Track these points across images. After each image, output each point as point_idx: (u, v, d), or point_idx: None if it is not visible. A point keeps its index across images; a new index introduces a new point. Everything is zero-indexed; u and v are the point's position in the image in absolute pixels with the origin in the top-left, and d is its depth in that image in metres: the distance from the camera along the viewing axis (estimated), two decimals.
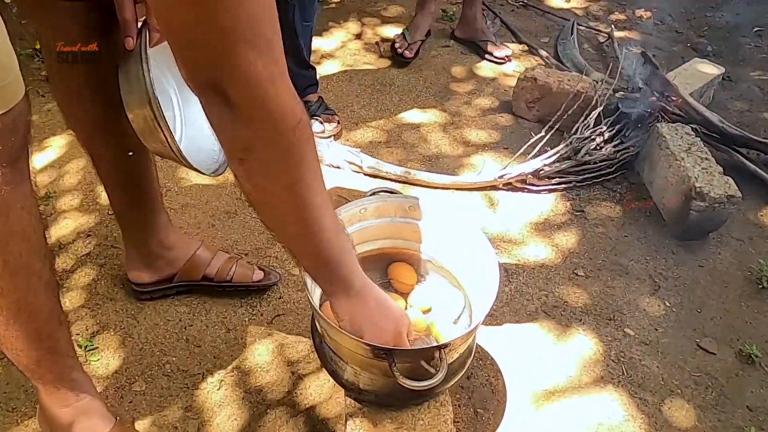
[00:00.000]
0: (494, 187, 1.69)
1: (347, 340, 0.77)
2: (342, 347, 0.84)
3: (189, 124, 1.10)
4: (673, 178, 1.57)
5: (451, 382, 0.90)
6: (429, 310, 1.03)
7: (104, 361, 1.20)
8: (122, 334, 1.24)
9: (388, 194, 1.00)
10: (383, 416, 0.89)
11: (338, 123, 1.82)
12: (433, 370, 0.75)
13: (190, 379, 1.18)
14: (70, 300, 1.30)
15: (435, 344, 0.89)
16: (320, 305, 0.89)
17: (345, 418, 0.95)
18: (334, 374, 0.90)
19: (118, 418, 1.01)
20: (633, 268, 1.48)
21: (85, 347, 1.21)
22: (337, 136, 1.83)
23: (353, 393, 0.89)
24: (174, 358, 1.21)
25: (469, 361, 0.97)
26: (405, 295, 1.02)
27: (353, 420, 0.90)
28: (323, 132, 1.78)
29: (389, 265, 1.06)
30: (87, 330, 1.25)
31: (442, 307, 1.02)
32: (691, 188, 1.49)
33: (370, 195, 0.99)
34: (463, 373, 0.94)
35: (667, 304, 1.40)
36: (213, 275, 1.28)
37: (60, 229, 1.47)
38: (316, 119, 1.80)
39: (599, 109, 1.74)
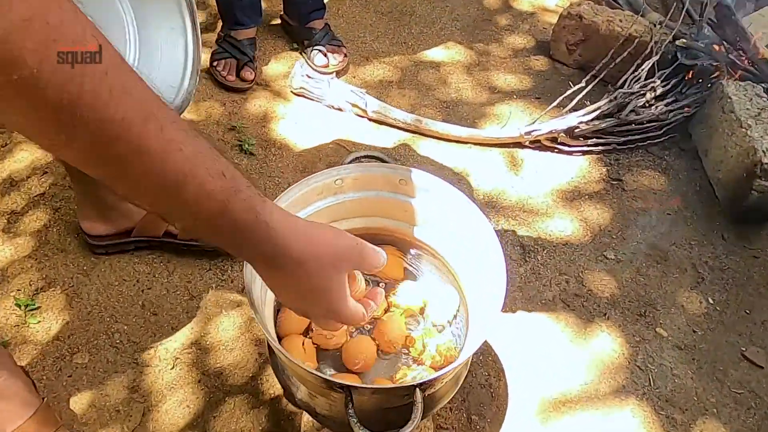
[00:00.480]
0: (519, 145, 1.45)
1: (295, 366, 0.58)
2: (290, 366, 0.65)
3: (145, 50, 0.88)
4: (734, 149, 1.31)
5: (436, 409, 0.71)
6: (418, 312, 0.83)
7: (45, 324, 1.04)
8: (70, 293, 1.08)
9: (374, 162, 0.78)
10: None
11: (345, 56, 1.57)
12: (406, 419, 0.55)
13: (141, 353, 1.01)
14: (16, 248, 1.14)
15: (410, 382, 0.68)
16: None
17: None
18: (286, 390, 0.71)
19: (44, 399, 0.86)
20: (674, 254, 1.25)
21: (26, 306, 1.05)
22: (342, 72, 1.58)
23: (310, 414, 0.70)
24: (125, 327, 1.05)
25: (464, 375, 0.78)
26: (389, 291, 0.81)
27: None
28: (326, 66, 1.54)
29: None
30: (30, 285, 1.08)
31: (434, 306, 0.82)
32: (756, 163, 1.24)
33: (349, 162, 0.77)
34: (454, 392, 0.74)
35: (711, 301, 1.18)
36: (176, 231, 1.10)
37: (14, 163, 1.28)
38: (320, 50, 1.55)
39: (654, 58, 1.46)
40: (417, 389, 0.56)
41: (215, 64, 1.51)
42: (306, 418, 0.94)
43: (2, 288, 1.08)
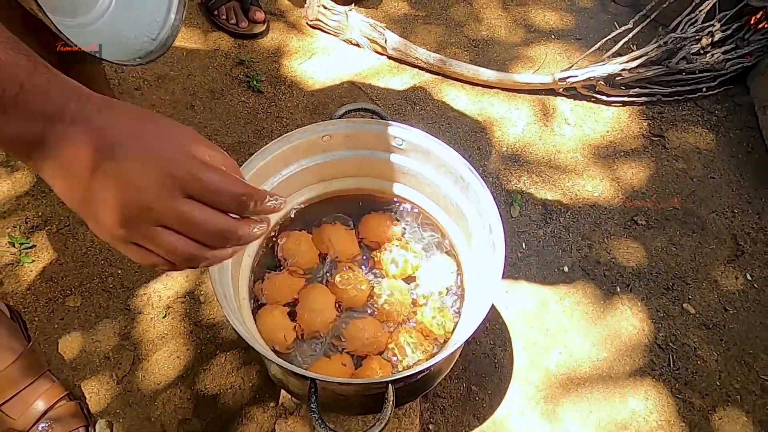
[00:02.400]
0: (552, 92, 1.32)
1: (260, 351, 0.52)
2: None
3: None
4: None
5: (424, 392, 0.65)
6: (409, 276, 0.75)
7: (39, 264, 1.01)
8: (65, 233, 1.05)
9: (368, 119, 0.68)
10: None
11: None
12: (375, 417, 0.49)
13: (134, 300, 0.98)
14: (13, 183, 1.10)
15: (382, 376, 0.60)
16: None
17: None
18: (262, 364, 0.66)
19: (30, 343, 0.84)
20: (712, 222, 1.14)
21: (20, 244, 1.02)
22: (361, 1, 1.45)
23: (284, 389, 0.66)
24: (119, 271, 1.01)
25: (458, 354, 0.71)
26: (378, 261, 0.74)
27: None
28: None
29: (362, 217, 0.77)
30: (26, 223, 1.05)
31: (427, 274, 0.74)
32: None
33: (341, 116, 0.68)
34: (446, 372, 0.68)
35: (748, 278, 1.07)
36: None
37: None
38: None
39: None
40: (390, 385, 0.49)
41: (216, 12, 1.34)
42: None
43: None
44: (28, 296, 0.98)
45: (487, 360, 0.96)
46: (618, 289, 1.04)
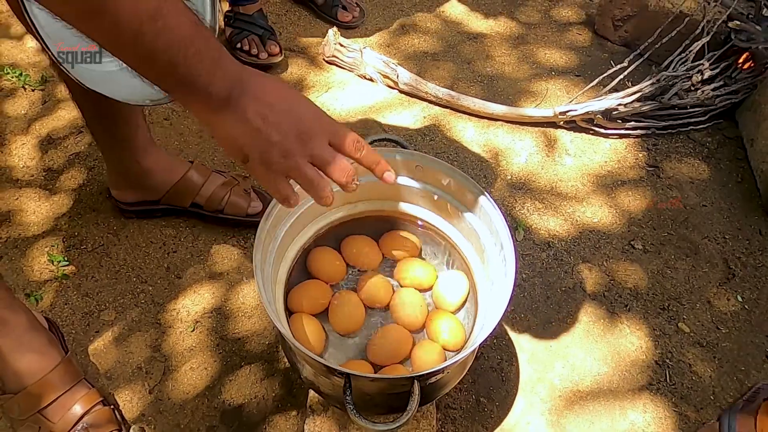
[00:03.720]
0: (553, 124, 1.41)
1: (297, 350, 0.59)
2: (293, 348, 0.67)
3: None
4: None
5: (440, 395, 0.72)
6: (425, 289, 0.83)
7: (76, 280, 1.09)
8: (100, 252, 1.12)
9: (391, 147, 0.77)
10: None
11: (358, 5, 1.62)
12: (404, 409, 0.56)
13: (164, 314, 1.05)
14: (51, 205, 1.18)
15: (409, 372, 0.68)
16: None
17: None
18: (293, 366, 0.73)
19: (68, 353, 0.90)
20: (705, 247, 1.21)
21: (58, 262, 1.10)
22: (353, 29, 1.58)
23: (314, 391, 0.72)
24: (150, 287, 1.08)
25: (470, 362, 0.78)
26: (397, 273, 0.82)
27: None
28: (353, 19, 1.55)
29: (384, 234, 0.85)
30: (63, 242, 1.13)
31: (442, 288, 0.81)
32: None
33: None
34: (459, 378, 0.75)
35: (740, 299, 1.14)
36: (203, 203, 1.12)
37: (53, 121, 1.32)
38: (340, 4, 1.59)
39: (705, 39, 1.38)
40: (415, 381, 0.56)
41: (239, 46, 1.45)
42: None
43: (37, 244, 1.13)
44: (66, 310, 1.05)
45: (494, 374, 1.02)
46: (617, 309, 1.11)
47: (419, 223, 0.85)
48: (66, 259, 1.10)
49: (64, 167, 1.25)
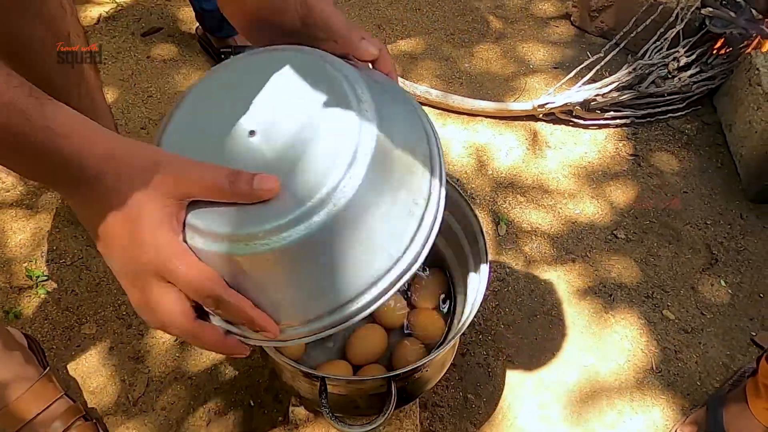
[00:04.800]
0: (533, 118, 1.41)
1: (271, 353, 0.59)
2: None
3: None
4: (759, 125, 1.25)
5: (421, 393, 0.72)
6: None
7: (55, 295, 1.07)
8: (79, 266, 1.11)
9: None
10: None
11: None
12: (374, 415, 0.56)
13: (147, 325, 1.04)
14: (29, 219, 1.17)
15: (385, 372, 0.67)
16: None
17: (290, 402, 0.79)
18: (272, 372, 0.72)
19: (47, 369, 0.89)
20: (687, 233, 1.22)
21: (37, 277, 1.08)
22: None
23: (294, 395, 0.72)
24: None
25: (451, 359, 0.78)
26: None
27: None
28: None
29: None
30: (42, 257, 1.12)
31: (422, 284, 0.81)
32: None
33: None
34: (440, 377, 0.75)
35: (723, 284, 1.15)
36: None
37: None
38: None
39: (679, 26, 1.38)
40: (391, 381, 0.56)
41: None
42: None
43: (15, 259, 1.11)
44: (46, 325, 1.03)
45: (481, 370, 1.02)
46: (601, 299, 1.11)
47: None
48: (45, 273, 1.09)
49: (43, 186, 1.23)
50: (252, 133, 0.44)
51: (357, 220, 0.41)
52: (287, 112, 0.44)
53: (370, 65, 0.53)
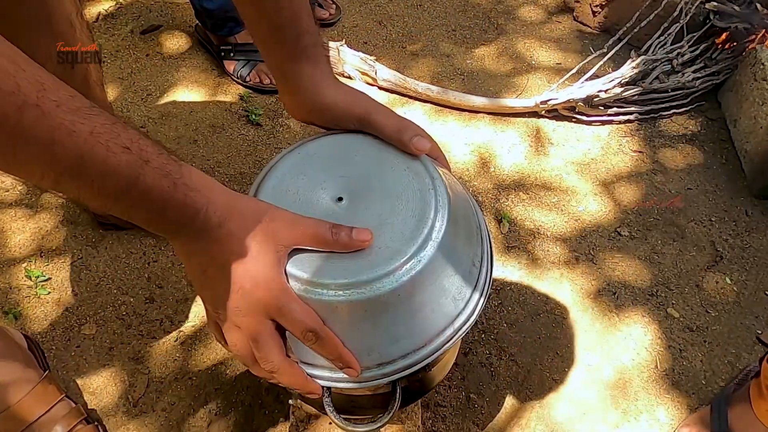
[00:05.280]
0: (535, 114, 1.40)
1: None
2: None
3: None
4: (764, 120, 1.24)
5: (426, 393, 0.71)
6: None
7: (55, 295, 1.07)
8: (78, 265, 1.10)
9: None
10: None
11: (332, 11, 1.59)
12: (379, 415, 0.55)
13: (147, 325, 1.04)
14: (28, 220, 1.16)
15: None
16: None
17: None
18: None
19: (47, 372, 0.89)
20: (692, 230, 1.20)
21: (36, 277, 1.08)
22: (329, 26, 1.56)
23: (295, 396, 0.71)
24: (132, 299, 1.07)
25: (453, 360, 0.77)
26: None
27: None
28: (330, 16, 1.54)
29: None
30: (41, 257, 1.11)
31: None
32: None
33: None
34: (444, 375, 0.74)
35: (728, 281, 1.14)
36: None
37: None
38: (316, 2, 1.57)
39: (683, 21, 1.37)
40: (396, 381, 0.55)
41: (248, 80, 1.38)
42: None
43: (15, 259, 1.11)
44: (46, 326, 1.03)
45: (483, 369, 1.01)
46: (605, 298, 1.10)
47: None
48: (44, 273, 1.09)
49: None
50: (340, 199, 0.53)
51: (434, 276, 0.50)
52: (370, 183, 0.54)
53: None
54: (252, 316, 0.46)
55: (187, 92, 1.41)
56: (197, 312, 1.05)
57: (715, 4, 1.36)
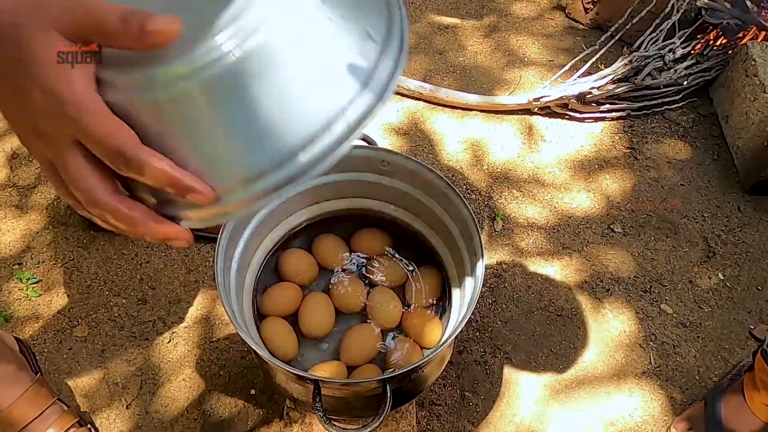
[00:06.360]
0: (528, 111, 1.39)
1: (265, 358, 0.57)
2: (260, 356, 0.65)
3: None
4: (756, 115, 1.24)
5: (419, 393, 0.70)
6: (398, 286, 0.81)
7: (46, 297, 1.06)
8: (70, 267, 1.09)
9: (356, 144, 0.75)
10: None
11: None
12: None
13: (139, 327, 1.03)
14: (18, 221, 1.15)
15: (380, 374, 0.67)
16: None
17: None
18: (266, 374, 0.71)
19: (38, 375, 0.88)
20: (684, 226, 1.21)
21: (27, 279, 1.07)
22: None
23: (288, 398, 0.71)
24: (124, 300, 1.06)
25: (449, 357, 0.77)
26: (369, 271, 0.80)
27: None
28: None
29: (354, 233, 0.83)
30: (32, 259, 1.10)
31: (415, 286, 0.80)
32: None
33: None
34: (438, 374, 0.74)
35: (721, 277, 1.14)
36: None
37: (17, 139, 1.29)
38: None
39: (675, 17, 1.37)
40: (386, 383, 0.55)
41: None
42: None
43: (5, 261, 1.10)
44: (37, 329, 1.02)
45: (478, 367, 1.01)
46: (598, 294, 1.10)
47: (384, 217, 0.83)
48: (35, 275, 1.08)
49: (30, 182, 1.21)
50: None
51: (300, 41, 0.32)
52: None
53: None
54: (48, 137, 0.33)
55: None
56: (190, 313, 1.05)
57: (706, 1, 1.36)
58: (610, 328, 1.06)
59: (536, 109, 1.38)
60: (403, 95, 1.41)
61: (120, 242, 1.13)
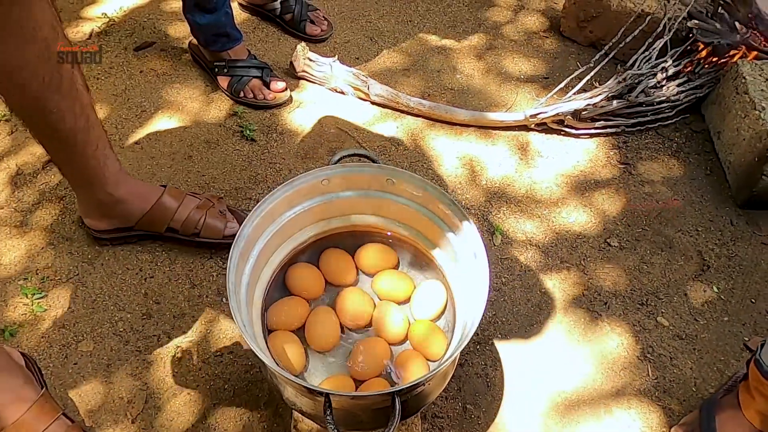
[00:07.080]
0: (525, 128, 1.42)
1: (276, 372, 0.59)
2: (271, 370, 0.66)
3: None
4: (747, 132, 1.27)
5: (424, 406, 0.72)
6: (403, 301, 0.83)
7: (51, 312, 1.07)
8: (75, 282, 1.11)
9: (361, 162, 0.77)
10: None
11: (325, 18, 1.63)
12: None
13: (144, 341, 1.04)
14: (23, 237, 1.16)
15: (389, 387, 0.68)
16: None
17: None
18: (274, 388, 0.73)
19: (44, 389, 0.89)
20: (679, 240, 1.23)
21: (32, 294, 1.08)
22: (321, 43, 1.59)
23: (297, 411, 0.72)
24: (129, 315, 1.07)
25: (452, 372, 0.78)
26: (374, 287, 0.82)
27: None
28: (322, 33, 1.57)
29: (359, 248, 0.85)
30: (37, 274, 1.11)
31: (420, 300, 0.82)
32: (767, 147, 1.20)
33: (337, 161, 0.76)
34: (442, 388, 0.75)
35: (715, 290, 1.16)
36: (178, 228, 1.11)
37: (23, 156, 1.30)
38: (307, 20, 1.58)
39: (667, 37, 1.41)
40: (395, 396, 0.56)
41: (242, 95, 1.39)
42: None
43: (10, 277, 1.11)
44: (42, 343, 1.03)
45: (479, 380, 1.02)
46: (596, 308, 1.12)
47: (389, 234, 0.85)
48: (40, 290, 1.09)
49: (35, 198, 1.23)
50: None
51: None
52: None
53: None
54: None
55: (181, 108, 1.42)
56: (195, 328, 1.06)
57: (696, 22, 1.40)
58: (608, 341, 1.08)
59: (533, 125, 1.41)
60: (402, 111, 1.44)
61: (124, 257, 1.14)
